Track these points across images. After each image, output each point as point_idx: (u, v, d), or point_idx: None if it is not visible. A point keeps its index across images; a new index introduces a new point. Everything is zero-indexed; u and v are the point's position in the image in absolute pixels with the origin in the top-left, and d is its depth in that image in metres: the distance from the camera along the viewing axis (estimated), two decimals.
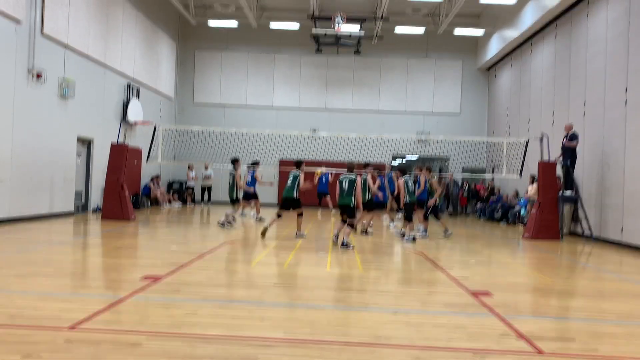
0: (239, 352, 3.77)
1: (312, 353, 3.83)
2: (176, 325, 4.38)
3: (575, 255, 10.53)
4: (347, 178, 10.00)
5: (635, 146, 11.73)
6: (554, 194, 12.94)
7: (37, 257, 7.61)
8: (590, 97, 14.00)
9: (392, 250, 10.12)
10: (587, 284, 7.23)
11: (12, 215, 12.21)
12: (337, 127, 23.03)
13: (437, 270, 7.74)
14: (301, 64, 23.93)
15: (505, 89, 21.49)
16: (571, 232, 14.22)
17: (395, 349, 4.01)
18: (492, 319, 4.96)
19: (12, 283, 5.83)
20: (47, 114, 13.54)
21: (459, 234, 13.97)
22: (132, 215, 13.79)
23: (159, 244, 10.00)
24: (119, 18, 17.33)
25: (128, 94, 18.07)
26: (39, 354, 3.59)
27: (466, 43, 23.53)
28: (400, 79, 23.87)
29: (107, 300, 5.11)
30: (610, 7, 13.12)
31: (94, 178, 16.21)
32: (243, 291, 5.82)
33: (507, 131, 19.78)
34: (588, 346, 4.25)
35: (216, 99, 24.00)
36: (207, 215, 17.15)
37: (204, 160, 19.22)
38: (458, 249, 10.69)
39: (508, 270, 8.09)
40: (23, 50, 12.48)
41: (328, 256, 8.75)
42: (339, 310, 5.15)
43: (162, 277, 6.35)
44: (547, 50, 17.09)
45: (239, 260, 8.09)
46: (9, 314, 4.53)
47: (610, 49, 13.04)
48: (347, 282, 6.56)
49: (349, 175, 10.05)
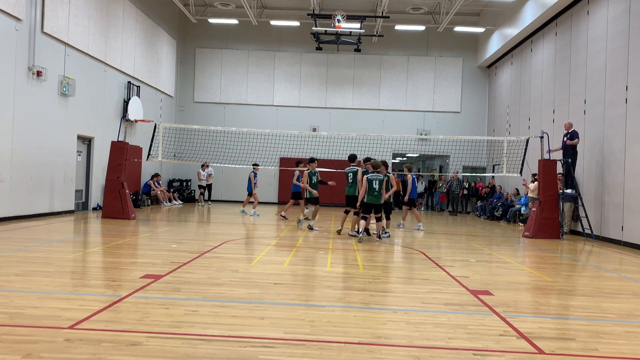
0: (239, 352, 3.77)
1: (312, 352, 3.82)
2: (176, 324, 4.38)
3: (575, 254, 10.53)
4: (377, 178, 10.67)
5: (635, 144, 11.72)
6: (554, 192, 12.94)
7: (37, 256, 7.61)
8: (590, 95, 13.98)
9: (393, 249, 10.12)
10: (588, 283, 7.22)
11: (12, 213, 12.22)
12: (337, 125, 23.08)
13: (438, 269, 7.74)
14: (301, 62, 23.92)
15: (505, 87, 21.46)
16: (572, 230, 14.22)
17: (395, 348, 4.01)
18: (492, 318, 4.96)
19: (12, 282, 5.83)
20: (48, 112, 13.54)
21: (459, 233, 13.98)
22: (132, 214, 13.80)
23: (159, 242, 10.00)
24: (119, 16, 17.31)
25: (128, 92, 18.07)
26: (39, 354, 3.59)
27: (466, 41, 23.52)
28: (400, 77, 23.85)
29: (107, 299, 5.11)
30: (611, 5, 13.10)
31: (94, 176, 16.22)
32: (243, 290, 5.82)
33: (508, 129, 19.77)
34: (588, 345, 4.24)
35: (216, 97, 24.00)
36: (208, 214, 17.14)
37: (204, 158, 19.24)
38: (458, 248, 10.68)
39: (508, 269, 8.09)
40: (23, 48, 12.48)
41: (328, 255, 8.75)
42: (339, 309, 5.15)
43: (162, 276, 6.35)
44: (548, 48, 17.07)
45: (239, 259, 8.09)
46: (9, 313, 4.53)
47: (610, 47, 13.02)
48: (347, 281, 6.56)
49: (377, 175, 10.71)
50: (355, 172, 11.73)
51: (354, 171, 11.83)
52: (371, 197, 10.62)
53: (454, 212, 21.56)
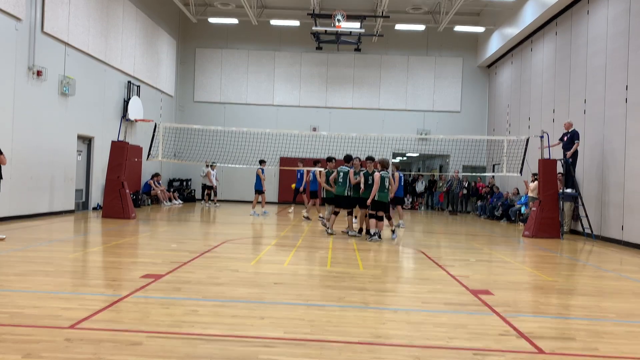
0: (238, 351, 3.77)
1: (312, 352, 3.82)
2: (176, 324, 4.38)
3: (575, 254, 10.53)
4: (387, 176, 10.92)
5: (635, 144, 11.72)
6: (554, 191, 12.94)
7: (37, 256, 7.61)
8: (590, 94, 13.98)
9: (393, 249, 10.12)
10: (588, 283, 7.23)
11: (12, 213, 12.22)
12: (337, 125, 23.08)
13: (438, 268, 7.74)
14: (301, 62, 23.91)
15: (505, 87, 21.46)
16: (572, 230, 14.22)
17: (395, 348, 4.01)
18: (492, 318, 4.96)
19: (12, 282, 5.83)
20: (48, 111, 13.54)
21: (459, 233, 13.98)
22: (132, 214, 13.79)
23: (159, 242, 10.00)
24: (119, 16, 17.30)
25: (128, 91, 18.06)
26: (39, 353, 3.59)
27: (466, 40, 23.51)
28: (400, 76, 23.85)
29: (108, 299, 5.11)
30: (611, 5, 13.09)
31: (94, 176, 16.22)
32: (243, 290, 5.82)
33: (508, 129, 19.77)
34: (588, 345, 4.24)
35: (216, 97, 23.99)
36: (208, 213, 17.14)
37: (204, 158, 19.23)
38: (458, 248, 10.68)
39: (508, 269, 8.09)
40: (23, 48, 12.47)
41: (328, 254, 8.76)
42: (339, 308, 5.15)
43: (162, 275, 6.36)
44: (548, 47, 17.06)
45: (239, 259, 8.08)
46: (9, 313, 4.53)
47: (610, 46, 13.01)
48: (347, 281, 6.56)
49: (387, 174, 10.94)
50: (347, 173, 11.69)
51: (345, 171, 11.75)
52: (383, 194, 10.86)
53: (454, 212, 21.57)
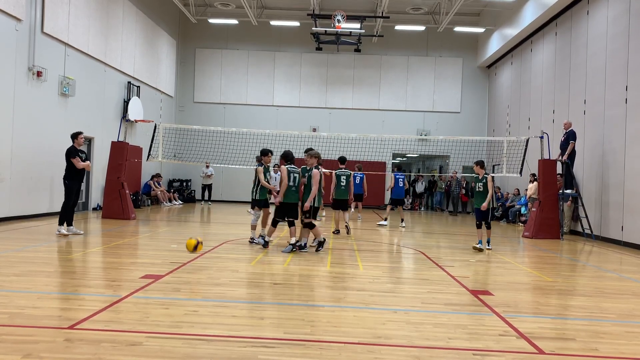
0: (238, 352, 3.77)
1: (312, 352, 3.82)
2: (176, 324, 4.38)
3: (575, 254, 10.53)
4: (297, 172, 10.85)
5: (635, 144, 11.72)
6: (554, 192, 12.93)
7: (37, 256, 7.61)
8: (590, 95, 13.98)
9: (393, 249, 10.12)
10: (588, 283, 7.22)
11: (12, 213, 12.22)
12: (337, 126, 23.08)
13: (438, 269, 7.74)
14: (301, 62, 23.91)
15: (505, 87, 21.47)
16: (572, 230, 14.22)
17: (395, 348, 4.01)
18: (492, 318, 4.96)
19: (12, 282, 5.83)
20: (48, 112, 13.54)
21: (459, 233, 13.98)
22: (132, 214, 13.79)
23: (159, 242, 10.00)
24: (119, 16, 17.31)
25: (128, 92, 18.06)
26: (39, 354, 3.59)
27: (466, 41, 23.52)
28: (400, 77, 23.85)
29: (107, 300, 5.10)
30: (611, 5, 13.10)
31: (94, 177, 16.21)
32: (243, 290, 5.82)
33: (508, 129, 19.78)
34: (588, 345, 4.24)
35: (216, 97, 24.00)
36: (208, 214, 17.14)
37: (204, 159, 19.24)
38: (458, 248, 10.68)
39: (508, 270, 8.09)
40: (23, 48, 12.48)
41: (328, 255, 8.75)
42: (339, 309, 5.15)
43: (162, 276, 6.35)
44: (548, 48, 17.07)
45: (239, 259, 8.08)
46: (9, 313, 4.53)
47: (610, 47, 13.02)
48: (347, 281, 6.56)
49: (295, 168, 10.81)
50: (349, 176, 11.80)
51: (347, 174, 11.83)
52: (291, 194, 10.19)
53: (454, 212, 21.57)
